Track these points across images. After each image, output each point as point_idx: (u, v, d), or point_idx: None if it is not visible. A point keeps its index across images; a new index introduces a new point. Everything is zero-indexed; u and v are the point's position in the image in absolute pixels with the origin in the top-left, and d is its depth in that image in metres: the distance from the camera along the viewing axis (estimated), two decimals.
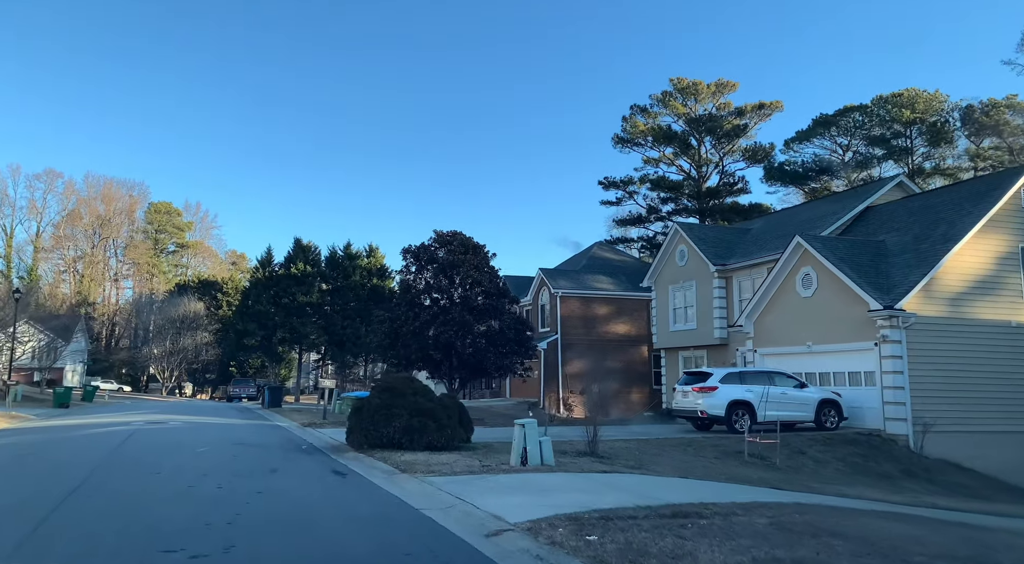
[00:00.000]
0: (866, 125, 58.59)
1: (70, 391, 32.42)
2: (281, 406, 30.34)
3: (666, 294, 29.02)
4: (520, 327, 26.05)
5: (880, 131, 57.78)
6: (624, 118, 54.26)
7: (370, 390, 13.39)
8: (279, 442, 14.89)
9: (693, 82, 52.57)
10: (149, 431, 16.99)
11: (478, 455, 12.06)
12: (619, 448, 14.39)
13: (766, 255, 23.63)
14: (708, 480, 10.88)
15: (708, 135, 52.04)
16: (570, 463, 11.25)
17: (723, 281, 25.84)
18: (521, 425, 10.53)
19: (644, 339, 37.40)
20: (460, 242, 26.32)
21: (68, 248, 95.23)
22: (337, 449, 13.56)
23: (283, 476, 9.76)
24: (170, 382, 79.29)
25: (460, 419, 13.16)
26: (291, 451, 13.17)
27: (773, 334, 20.94)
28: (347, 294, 62.03)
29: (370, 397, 13.00)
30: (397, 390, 12.97)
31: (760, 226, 28.82)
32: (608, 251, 42.98)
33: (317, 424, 19.16)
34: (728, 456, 14.38)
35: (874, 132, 58.06)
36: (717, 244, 27.00)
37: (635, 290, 37.77)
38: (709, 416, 16.88)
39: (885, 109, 57.45)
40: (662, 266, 29.33)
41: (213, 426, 19.30)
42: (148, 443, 13.92)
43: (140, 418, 22.45)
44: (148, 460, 10.99)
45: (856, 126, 59.38)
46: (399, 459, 11.26)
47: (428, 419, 12.67)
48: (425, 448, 12.49)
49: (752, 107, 52.30)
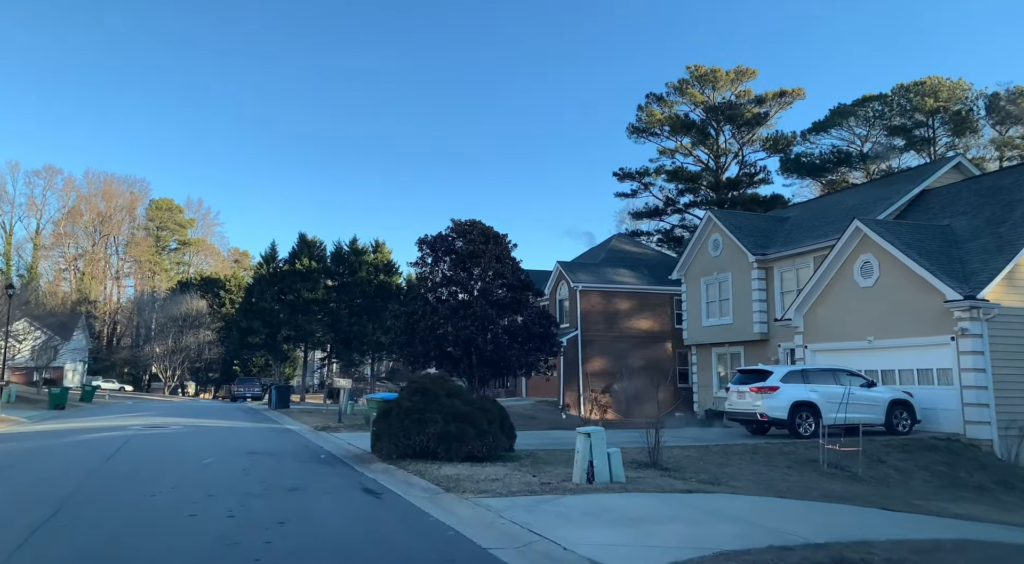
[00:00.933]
0: (886, 115, 56.70)
1: (66, 392, 30.81)
2: (289, 407, 28.70)
3: (698, 287, 27.30)
4: (545, 322, 24.38)
5: (901, 121, 55.98)
6: (639, 107, 52.48)
7: (399, 391, 11.67)
8: (293, 450, 13.22)
9: (711, 69, 50.79)
10: (148, 437, 15.33)
11: (527, 468, 10.38)
12: (679, 457, 12.71)
13: (812, 243, 21.91)
14: (804, 499, 9.19)
15: (728, 124, 50.24)
16: (638, 478, 9.58)
17: (763, 272, 24.12)
18: (586, 434, 8.83)
19: (668, 335, 35.71)
20: (480, 231, 24.64)
21: (68, 246, 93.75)
22: (361, 459, 11.89)
23: (306, 496, 8.08)
24: (173, 381, 77.75)
25: (501, 425, 11.48)
26: (309, 462, 11.49)
27: (827, 328, 19.21)
28: (353, 290, 60.37)
29: (399, 399, 11.32)
30: (430, 391, 11.29)
31: (798, 214, 27.08)
32: (628, 243, 41.28)
33: (332, 428, 17.49)
34: (802, 465, 12.69)
35: (894, 122, 56.26)
36: (755, 233, 25.27)
37: (658, 284, 36.09)
38: (770, 419, 15.17)
39: (906, 98, 55.57)
40: (693, 257, 27.61)
41: (218, 431, 17.64)
42: (146, 452, 12.24)
43: (139, 421, 20.81)
44: (144, 475, 9.31)
45: (876, 116, 57.52)
46: (438, 473, 9.59)
47: (466, 425, 11.00)
48: (464, 459, 10.83)
49: (773, 95, 50.49)
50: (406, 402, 11.17)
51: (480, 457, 10.94)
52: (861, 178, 56.49)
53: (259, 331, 58.54)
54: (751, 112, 50.03)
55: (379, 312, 60.05)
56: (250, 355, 69.71)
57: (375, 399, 11.79)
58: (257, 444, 14.23)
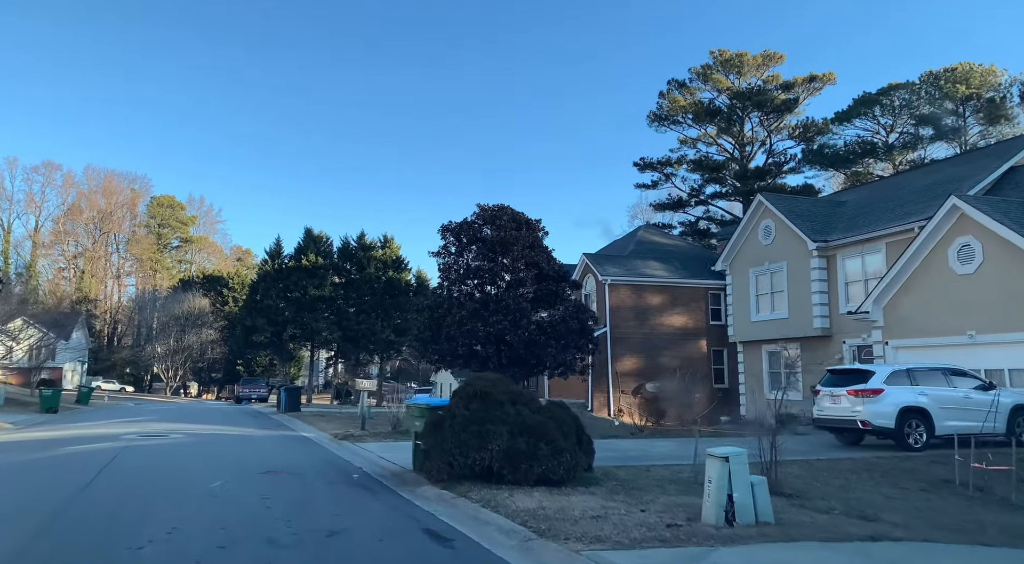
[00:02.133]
0: (913, 103, 54.31)
1: (59, 394, 28.61)
2: (300, 410, 26.46)
3: (745, 278, 25.03)
4: (582, 316, 22.13)
5: (929, 109, 53.65)
6: (661, 94, 50.18)
7: (452, 396, 9.41)
8: (318, 467, 10.97)
9: (738, 54, 48.46)
10: (143, 450, 13.09)
11: (622, 496, 8.12)
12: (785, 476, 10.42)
13: (885, 227, 19.63)
14: (991, 543, 6.90)
15: (756, 110, 47.91)
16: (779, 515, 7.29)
17: (823, 260, 21.85)
18: (721, 459, 6.55)
19: (703, 332, 33.41)
20: (510, 216, 22.36)
21: (68, 243, 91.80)
22: (403, 480, 9.64)
23: (353, 546, 5.84)
24: (174, 382, 75.71)
25: (579, 439, 9.23)
26: (342, 485, 9.24)
27: (913, 322, 16.92)
28: (361, 287, 58.15)
29: (452, 408, 9.06)
30: (491, 397, 9.04)
31: (858, 197, 24.82)
32: (657, 234, 38.97)
33: (355, 436, 15.25)
34: (937, 488, 10.40)
35: (922, 110, 53.91)
36: (812, 218, 23.01)
37: (691, 277, 33.82)
38: (873, 428, 12.88)
39: (936, 85, 53.19)
40: (740, 246, 25.34)
41: (225, 440, 15.40)
42: (137, 473, 9.99)
43: (135, 428, 18.59)
44: (130, 513, 7.04)
45: (902, 105, 55.14)
46: (514, 505, 7.35)
47: (538, 439, 8.76)
48: (537, 482, 8.59)
49: (802, 80, 48.16)
50: (462, 411, 8.91)
51: (556, 480, 8.70)
52: (887, 169, 54.24)
53: (264, 330, 56.33)
54: (779, 98, 47.70)
55: (388, 310, 57.88)
56: (254, 355, 67.59)
57: (418, 406, 9.52)
58: (273, 458, 11.98)
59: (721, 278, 34.07)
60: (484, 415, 8.86)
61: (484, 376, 9.52)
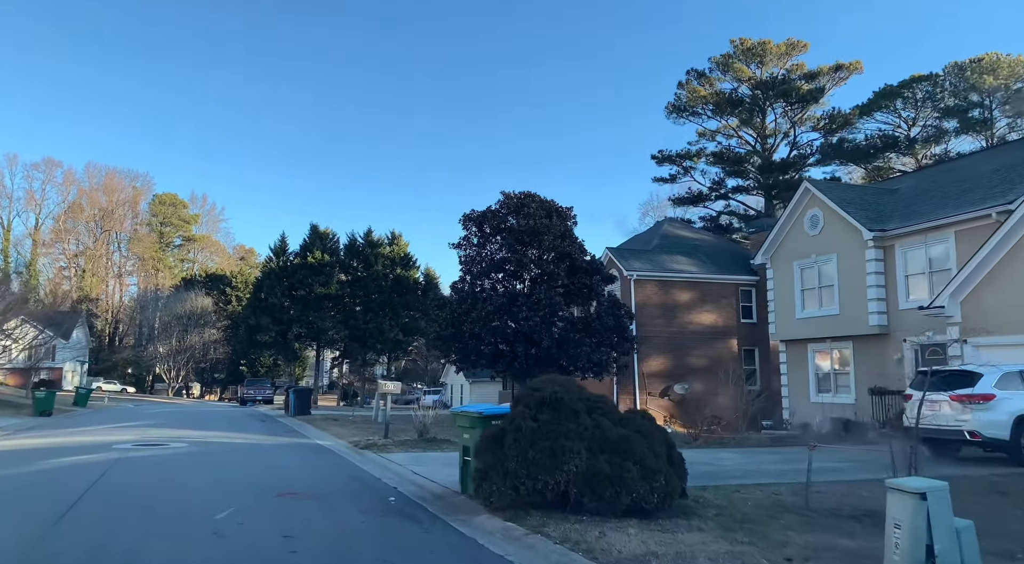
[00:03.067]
0: (937, 96, 52.47)
1: (53, 395, 26.92)
2: (310, 413, 24.73)
3: (789, 272, 23.24)
4: (618, 312, 20.45)
5: (954, 101, 51.82)
6: (680, 84, 48.40)
7: (512, 404, 7.66)
8: (345, 486, 9.22)
9: (760, 42, 46.66)
10: (137, 463, 11.37)
11: (744, 536, 6.36)
12: None
13: (954, 214, 17.83)
14: None
15: (780, 100, 46.09)
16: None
17: (880, 251, 20.06)
18: (916, 495, 4.77)
19: (733, 330, 31.68)
20: (539, 204, 20.66)
21: (68, 242, 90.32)
22: (450, 505, 7.90)
23: None
24: (177, 382, 74.17)
25: (670, 457, 7.47)
26: (379, 513, 7.49)
27: (998, 317, 15.14)
28: (369, 285, 56.50)
29: (516, 418, 7.30)
30: (564, 405, 7.29)
31: (911, 185, 23.03)
32: (682, 228, 37.19)
33: (377, 445, 13.51)
34: None
35: (947, 103, 52.07)
36: (865, 206, 21.23)
37: (719, 272, 32.09)
38: (985, 439, 11.10)
39: (961, 77, 51.35)
40: (783, 237, 23.56)
41: (232, 450, 13.67)
42: (127, 496, 8.25)
43: (132, 435, 16.87)
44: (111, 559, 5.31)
45: (925, 97, 53.30)
46: (614, 549, 5.63)
47: (624, 458, 7.02)
48: (627, 512, 6.86)
49: (828, 69, 46.35)
50: (528, 422, 7.15)
51: (649, 509, 6.96)
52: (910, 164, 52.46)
53: (268, 329, 54.74)
54: (804, 88, 45.88)
55: (396, 308, 56.18)
56: (258, 354, 65.99)
57: (468, 414, 7.78)
58: (290, 474, 10.24)
59: (752, 274, 32.32)
60: (556, 427, 7.11)
61: (553, 379, 7.77)
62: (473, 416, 8.14)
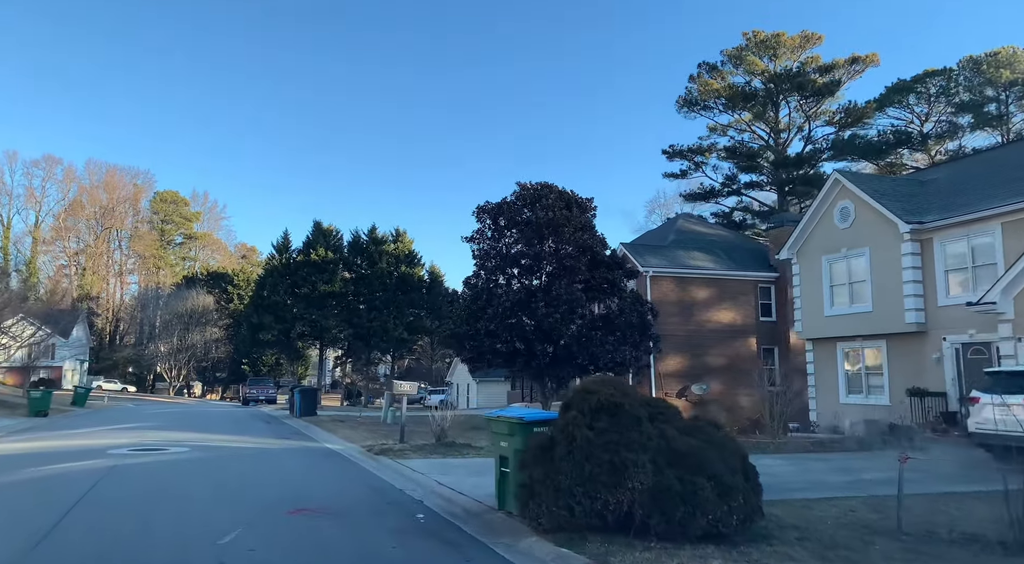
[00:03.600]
0: (951, 90, 51.46)
1: (50, 395, 25.96)
2: (316, 414, 23.75)
3: (817, 267, 22.22)
4: (641, 308, 19.47)
5: (968, 96, 50.80)
6: (691, 77, 47.40)
7: (561, 409, 6.66)
8: (365, 499, 8.22)
9: (774, 34, 45.63)
10: (134, 471, 10.39)
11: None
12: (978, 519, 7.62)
13: (999, 205, 16.83)
14: None
15: (795, 93, 45.07)
16: None
17: (917, 245, 19.04)
18: None
19: (752, 329, 30.71)
20: (557, 195, 19.66)
21: (69, 239, 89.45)
22: (488, 524, 6.92)
23: None
24: (178, 381, 73.29)
25: (745, 472, 6.47)
26: (409, 534, 6.51)
27: None
28: (373, 283, 55.55)
29: (568, 425, 6.30)
30: (623, 411, 6.29)
31: (946, 175, 22.02)
32: (697, 223, 36.18)
33: (393, 451, 12.51)
34: None
35: (961, 98, 51.06)
36: (899, 198, 20.23)
37: (737, 268, 31.10)
38: None
39: (976, 71, 50.35)
40: (810, 230, 22.54)
41: (236, 455, 12.68)
42: (120, 512, 7.27)
43: (131, 437, 15.89)
44: None
45: (939, 92, 52.28)
46: None
47: (695, 473, 6.03)
48: (701, 537, 5.87)
49: (843, 62, 45.30)
50: (583, 430, 6.15)
51: (726, 532, 5.97)
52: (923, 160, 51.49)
53: (271, 327, 53.78)
54: (819, 81, 44.83)
55: (400, 306, 55.21)
56: (260, 353, 65.09)
57: (507, 420, 6.80)
58: (302, 485, 9.24)
59: (771, 270, 31.32)
60: (617, 437, 6.11)
61: (606, 380, 6.77)
62: (512, 422, 7.15)
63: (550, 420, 7.13)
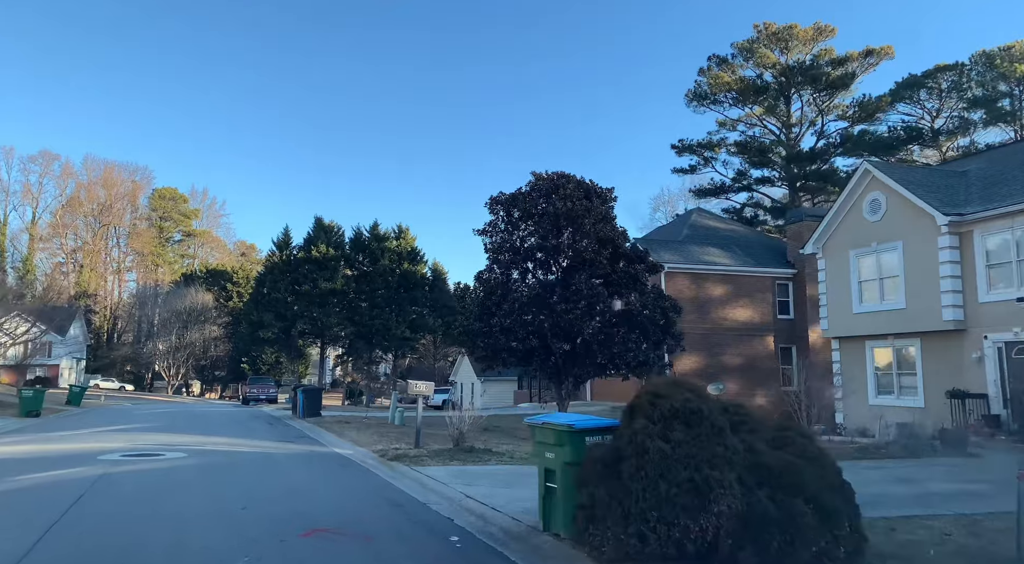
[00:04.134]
0: (962, 86, 50.51)
1: (42, 395, 24.94)
2: (321, 415, 22.74)
3: (844, 262, 21.24)
4: (664, 304, 18.40)
5: (981, 92, 49.88)
6: (701, 70, 46.40)
7: (625, 416, 5.64)
8: (388, 518, 7.19)
9: (787, 26, 44.61)
10: (125, 481, 9.37)
11: None
12: None
13: None
14: None
15: (808, 86, 44.07)
16: None
17: (955, 238, 18.05)
18: None
19: (769, 327, 29.79)
20: (576, 185, 18.63)
21: (66, 236, 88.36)
22: (536, 550, 5.93)
23: None
24: (176, 380, 72.19)
25: (844, 492, 5.46)
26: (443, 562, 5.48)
27: None
28: (375, 280, 54.58)
29: (635, 435, 5.29)
30: (703, 418, 5.28)
31: (982, 165, 21.03)
32: (711, 219, 35.21)
33: (410, 457, 11.50)
34: None
35: (973, 93, 50.12)
36: (935, 188, 19.24)
37: (754, 265, 30.14)
38: None
39: (989, 65, 49.41)
40: (837, 224, 21.55)
41: (239, 462, 11.67)
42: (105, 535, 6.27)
43: (124, 441, 14.87)
44: None
45: (951, 87, 51.35)
46: None
47: (790, 494, 5.04)
48: None
49: (857, 55, 44.28)
50: (657, 442, 5.14)
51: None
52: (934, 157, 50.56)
53: (271, 325, 52.85)
54: (833, 74, 43.82)
55: (403, 304, 54.23)
56: (260, 351, 64.03)
57: (554, 428, 5.75)
58: (315, 500, 8.20)
59: (789, 266, 30.37)
60: (696, 451, 5.10)
61: (678, 382, 5.77)
62: (561, 430, 6.14)
63: (606, 428, 6.14)
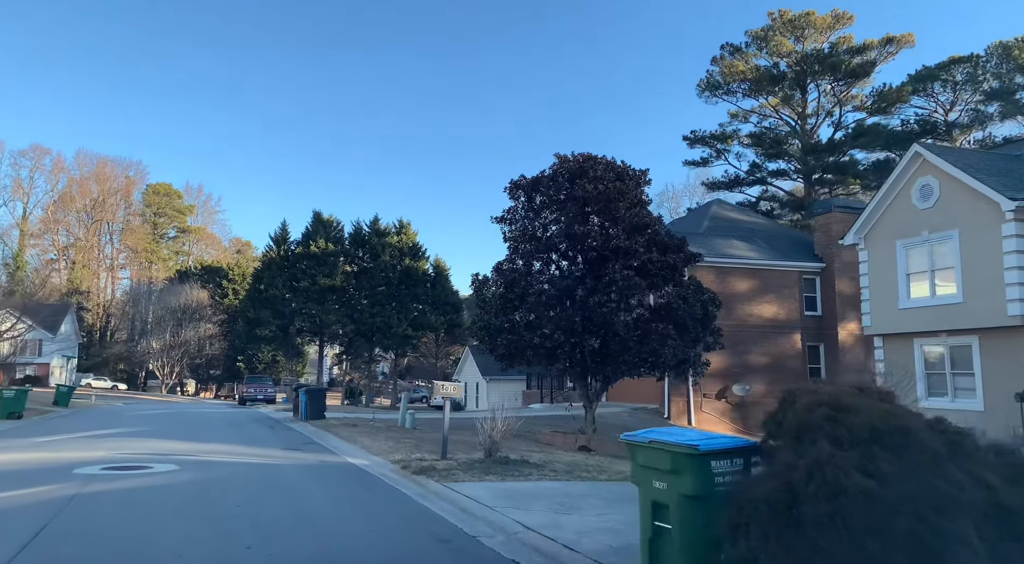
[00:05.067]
0: (978, 78, 49.17)
1: (25, 395, 23.26)
2: (325, 417, 21.12)
3: (890, 253, 19.71)
4: (704, 297, 16.85)
5: (997, 84, 48.57)
6: (714, 59, 44.89)
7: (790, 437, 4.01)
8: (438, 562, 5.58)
9: (803, 13, 43.13)
10: (101, 504, 7.74)
11: None
12: None
13: None
14: None
15: (827, 75, 42.54)
16: None
17: (1021, 225, 16.54)
18: None
19: (796, 324, 28.32)
20: (606, 166, 17.03)
21: (58, 232, 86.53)
22: None
23: None
24: (170, 379, 70.46)
25: None
26: None
27: None
28: (375, 276, 52.77)
29: (822, 466, 3.70)
30: (915, 440, 3.68)
31: None
32: (732, 210, 33.69)
33: (437, 470, 9.88)
34: None
35: (990, 85, 48.80)
36: (996, 172, 17.74)
37: (781, 258, 28.64)
38: None
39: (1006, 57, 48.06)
40: (882, 212, 20.02)
41: (241, 477, 10.02)
42: None
43: (108, 449, 13.22)
44: None
45: (966, 79, 49.98)
46: None
47: None
48: None
49: (877, 43, 42.81)
50: (856, 478, 3.55)
51: None
52: None
53: (268, 322, 51.00)
54: (852, 62, 42.33)
55: (404, 302, 52.45)
56: (256, 350, 62.33)
57: (667, 448, 4.05)
58: (336, 532, 6.55)
59: (817, 260, 28.88)
60: (914, 488, 3.52)
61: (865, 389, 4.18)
62: (678, 452, 4.54)
63: (741, 449, 4.55)
